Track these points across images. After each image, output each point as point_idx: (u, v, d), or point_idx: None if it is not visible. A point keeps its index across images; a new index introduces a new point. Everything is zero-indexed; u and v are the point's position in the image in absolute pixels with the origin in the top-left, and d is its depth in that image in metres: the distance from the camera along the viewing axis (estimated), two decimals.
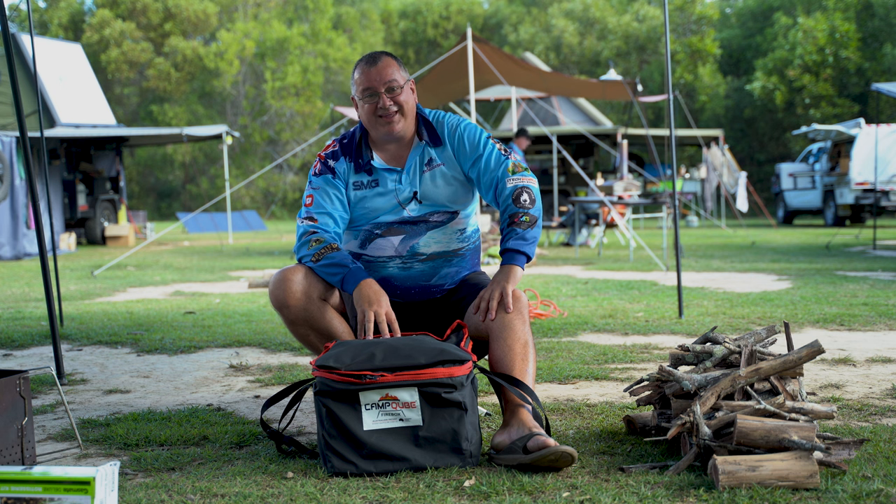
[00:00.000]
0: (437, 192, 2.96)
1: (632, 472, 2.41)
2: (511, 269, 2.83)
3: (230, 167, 33.01)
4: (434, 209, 2.97)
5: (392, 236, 2.97)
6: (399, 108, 2.89)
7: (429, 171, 2.96)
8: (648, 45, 37.20)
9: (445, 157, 2.96)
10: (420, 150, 2.97)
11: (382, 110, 2.87)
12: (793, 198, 20.90)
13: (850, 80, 31.27)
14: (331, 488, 2.34)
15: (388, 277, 3.01)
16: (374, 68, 2.89)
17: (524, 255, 2.86)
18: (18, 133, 6.25)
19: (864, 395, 3.32)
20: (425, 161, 2.96)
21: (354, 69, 2.95)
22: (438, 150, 2.97)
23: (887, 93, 12.94)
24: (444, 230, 2.99)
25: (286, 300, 2.86)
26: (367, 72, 2.89)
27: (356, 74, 2.93)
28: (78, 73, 17.23)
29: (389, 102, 2.87)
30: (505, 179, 2.91)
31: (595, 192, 12.13)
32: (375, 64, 2.89)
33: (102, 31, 36.80)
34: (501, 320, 2.76)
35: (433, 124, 2.98)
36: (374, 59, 2.91)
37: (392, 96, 2.88)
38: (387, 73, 2.88)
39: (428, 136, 2.97)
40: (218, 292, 7.76)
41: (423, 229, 2.96)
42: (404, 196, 2.94)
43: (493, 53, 12.04)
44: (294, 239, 18.66)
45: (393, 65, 2.90)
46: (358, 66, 2.93)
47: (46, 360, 4.40)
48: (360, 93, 2.91)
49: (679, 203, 19.63)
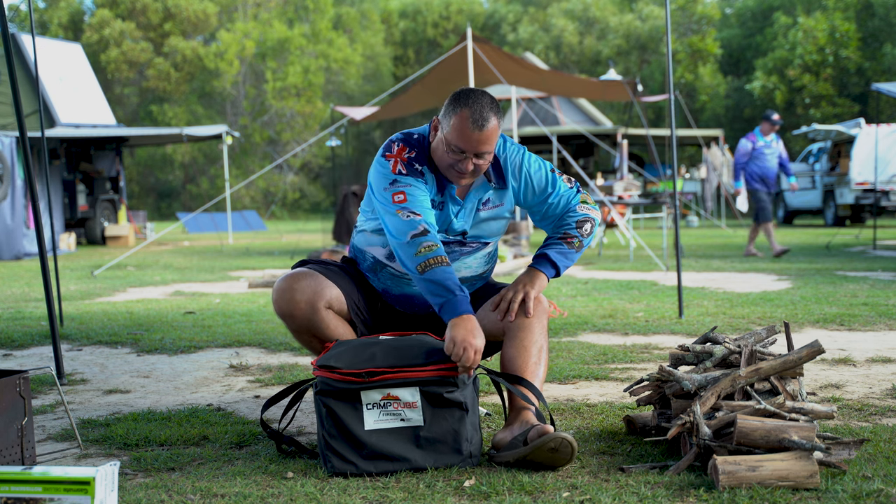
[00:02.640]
0: (486, 229, 2.90)
1: (632, 472, 2.41)
2: (539, 276, 2.81)
3: (230, 167, 33.02)
4: (476, 240, 2.92)
5: None
6: (476, 172, 2.75)
7: (484, 210, 2.87)
8: (649, 44, 37.21)
9: (505, 197, 2.88)
10: (483, 191, 2.86)
11: (460, 169, 2.72)
12: (793, 198, 20.89)
13: (850, 79, 31.28)
14: (331, 488, 2.34)
15: (411, 295, 2.95)
16: (478, 134, 2.65)
17: (556, 268, 2.84)
18: (18, 133, 6.25)
19: (864, 395, 3.32)
20: (483, 201, 2.87)
21: (457, 109, 2.67)
22: (501, 191, 2.87)
23: (887, 93, 12.94)
24: (475, 256, 2.94)
25: (291, 311, 2.82)
26: (468, 133, 2.65)
27: (455, 120, 2.67)
28: (78, 73, 17.23)
29: (472, 168, 2.72)
30: (576, 207, 2.89)
31: (595, 192, 12.13)
32: (481, 130, 2.65)
33: (102, 30, 36.81)
34: (521, 321, 2.75)
35: (500, 162, 2.85)
36: (482, 122, 2.65)
37: (478, 162, 2.72)
38: (486, 144, 2.68)
39: (495, 179, 2.85)
40: (218, 292, 7.76)
41: (457, 255, 2.89)
42: (454, 231, 2.86)
43: (493, 53, 12.04)
44: (295, 238, 18.48)
45: (496, 132, 2.69)
46: (462, 112, 2.66)
47: (46, 360, 4.40)
48: (450, 142, 2.69)
49: (679, 203, 19.62)
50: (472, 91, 2.72)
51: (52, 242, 5.48)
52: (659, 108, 31.44)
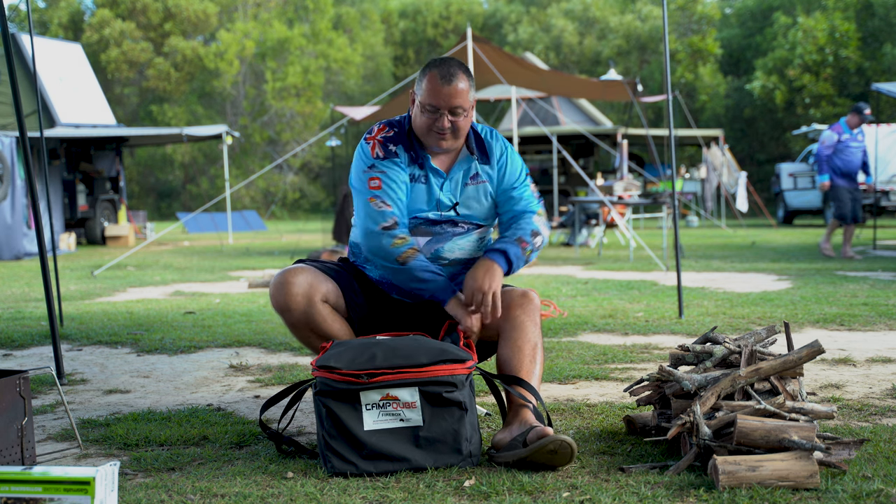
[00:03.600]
0: (477, 207, 2.96)
1: (632, 472, 2.41)
2: (498, 272, 2.79)
3: (230, 167, 33.01)
4: (467, 219, 2.96)
5: (418, 236, 2.93)
6: (455, 131, 2.85)
7: (472, 185, 2.95)
8: (649, 44, 37.21)
9: (489, 175, 2.97)
10: (467, 164, 2.95)
11: (438, 129, 2.83)
12: (793, 198, 20.89)
13: (850, 79, 31.27)
14: (331, 488, 2.34)
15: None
16: (447, 88, 2.80)
17: (510, 263, 2.84)
18: (18, 133, 6.25)
19: (864, 395, 3.32)
20: (471, 174, 2.95)
21: (426, 72, 2.84)
22: (485, 167, 2.96)
23: (887, 93, 12.95)
24: (469, 238, 2.98)
25: (288, 304, 2.84)
26: (437, 88, 2.80)
27: (425, 83, 2.83)
28: (78, 73, 17.22)
29: (448, 124, 2.83)
30: (533, 217, 2.95)
31: (595, 192, 12.13)
32: (450, 83, 2.80)
33: (102, 30, 36.78)
34: (513, 320, 2.77)
35: (483, 141, 2.97)
36: (449, 77, 2.81)
37: (453, 119, 2.83)
38: (458, 97, 2.80)
39: (479, 152, 2.96)
40: (218, 292, 7.76)
41: (449, 235, 2.94)
42: (444, 204, 2.93)
43: (493, 53, 12.03)
44: (295, 238, 18.48)
45: (465, 87, 2.82)
46: (430, 73, 2.83)
47: (46, 360, 4.40)
48: (423, 102, 2.83)
49: (679, 203, 19.64)
50: (440, 57, 2.90)
51: (52, 242, 5.48)
52: (659, 108, 31.43)
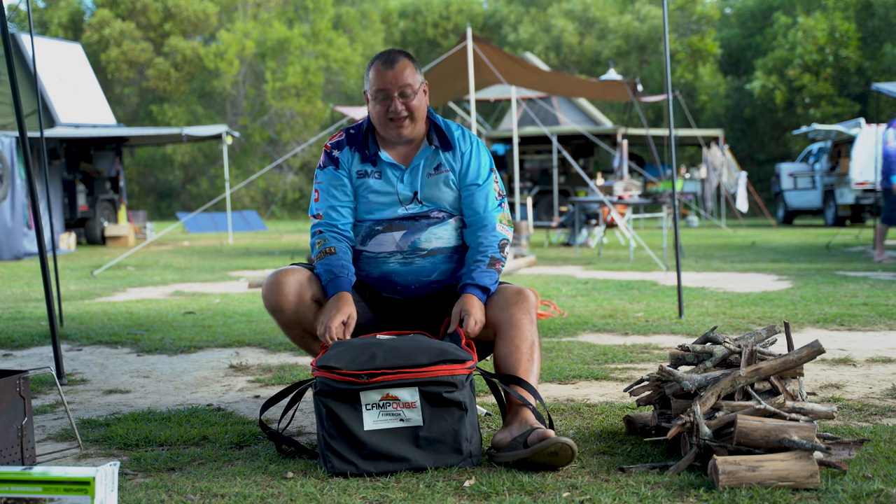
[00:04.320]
0: (440, 195, 2.97)
1: (632, 472, 2.41)
2: (480, 305, 2.84)
3: (230, 167, 33.01)
4: (435, 207, 2.97)
5: (393, 231, 2.94)
6: (410, 114, 2.88)
7: (435, 175, 2.95)
8: (649, 44, 37.21)
9: (451, 165, 2.97)
10: (428, 153, 2.97)
11: (393, 113, 2.87)
12: (793, 198, 20.90)
13: (850, 79, 31.28)
14: (331, 488, 2.34)
15: (390, 273, 2.99)
16: (391, 71, 2.86)
17: (488, 294, 2.89)
18: (18, 133, 6.25)
19: (865, 395, 3.32)
20: (433, 165, 2.96)
21: (370, 66, 2.91)
22: (448, 154, 2.97)
23: (887, 93, 12.94)
24: (445, 226, 2.98)
25: (279, 304, 2.86)
26: (382, 73, 2.87)
27: (371, 73, 2.90)
28: (78, 73, 17.22)
29: (401, 107, 2.86)
30: (496, 224, 2.96)
31: (595, 192, 12.13)
32: (392, 66, 2.86)
33: (102, 30, 36.78)
34: (510, 318, 2.78)
35: (444, 130, 2.98)
36: (390, 61, 2.88)
37: (405, 101, 2.87)
38: (402, 77, 2.86)
39: (438, 141, 2.97)
40: (218, 292, 7.76)
41: (423, 225, 2.95)
42: (405, 195, 2.94)
43: (493, 53, 12.03)
44: (295, 238, 18.59)
45: (409, 67, 2.88)
46: (374, 64, 2.90)
47: (46, 360, 4.40)
48: (373, 92, 2.89)
49: (679, 203, 19.64)
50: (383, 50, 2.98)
51: (52, 242, 5.48)
52: (659, 108, 31.43)
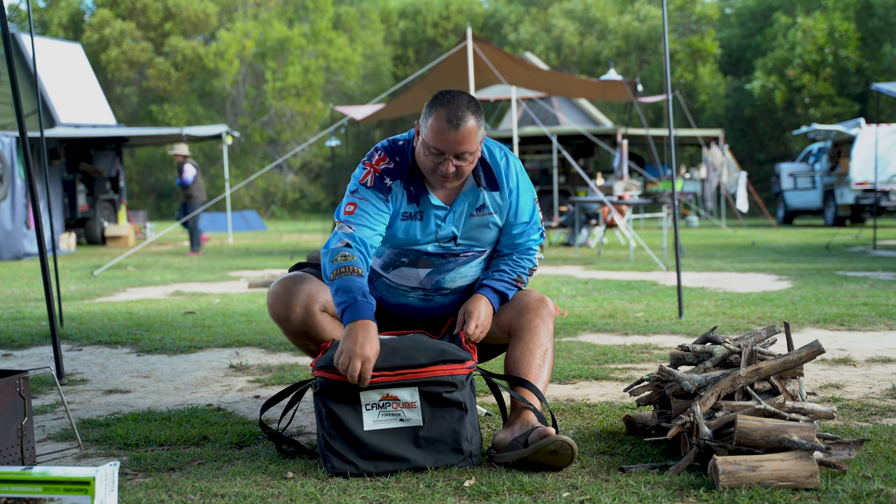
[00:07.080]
0: (480, 236, 2.82)
1: (632, 472, 2.41)
2: (489, 309, 2.80)
3: (230, 167, 33.00)
4: (470, 248, 2.84)
5: (419, 268, 2.82)
6: (459, 175, 2.67)
7: (478, 216, 2.78)
8: (649, 44, 37.20)
9: (497, 204, 2.80)
10: (473, 195, 2.77)
11: (443, 173, 2.64)
12: (793, 198, 20.90)
13: (850, 79, 31.28)
14: (331, 488, 2.34)
15: (407, 305, 2.92)
16: (454, 133, 2.58)
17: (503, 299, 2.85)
18: (18, 133, 6.25)
19: (864, 395, 3.32)
20: (477, 206, 2.78)
21: (432, 110, 2.61)
22: (494, 194, 2.78)
23: (887, 92, 12.94)
24: (472, 264, 2.87)
25: (286, 315, 2.79)
26: (443, 133, 2.58)
27: (431, 122, 2.60)
28: (78, 73, 17.22)
29: (453, 169, 2.63)
30: (534, 255, 2.89)
31: (595, 192, 12.13)
32: (457, 129, 2.57)
33: (102, 30, 36.79)
34: (528, 324, 2.75)
35: (492, 167, 2.78)
36: (457, 121, 2.58)
37: (458, 164, 2.63)
38: (465, 143, 2.59)
39: (486, 181, 2.78)
40: (218, 292, 7.76)
41: (452, 265, 2.83)
42: (443, 235, 2.78)
43: (494, 53, 12.03)
44: (295, 238, 18.50)
45: (474, 130, 2.60)
46: (436, 112, 2.60)
47: (46, 360, 4.40)
48: (428, 143, 2.62)
49: (679, 203, 19.63)
50: (449, 91, 2.65)
51: (52, 242, 5.48)
52: (659, 108, 31.42)
